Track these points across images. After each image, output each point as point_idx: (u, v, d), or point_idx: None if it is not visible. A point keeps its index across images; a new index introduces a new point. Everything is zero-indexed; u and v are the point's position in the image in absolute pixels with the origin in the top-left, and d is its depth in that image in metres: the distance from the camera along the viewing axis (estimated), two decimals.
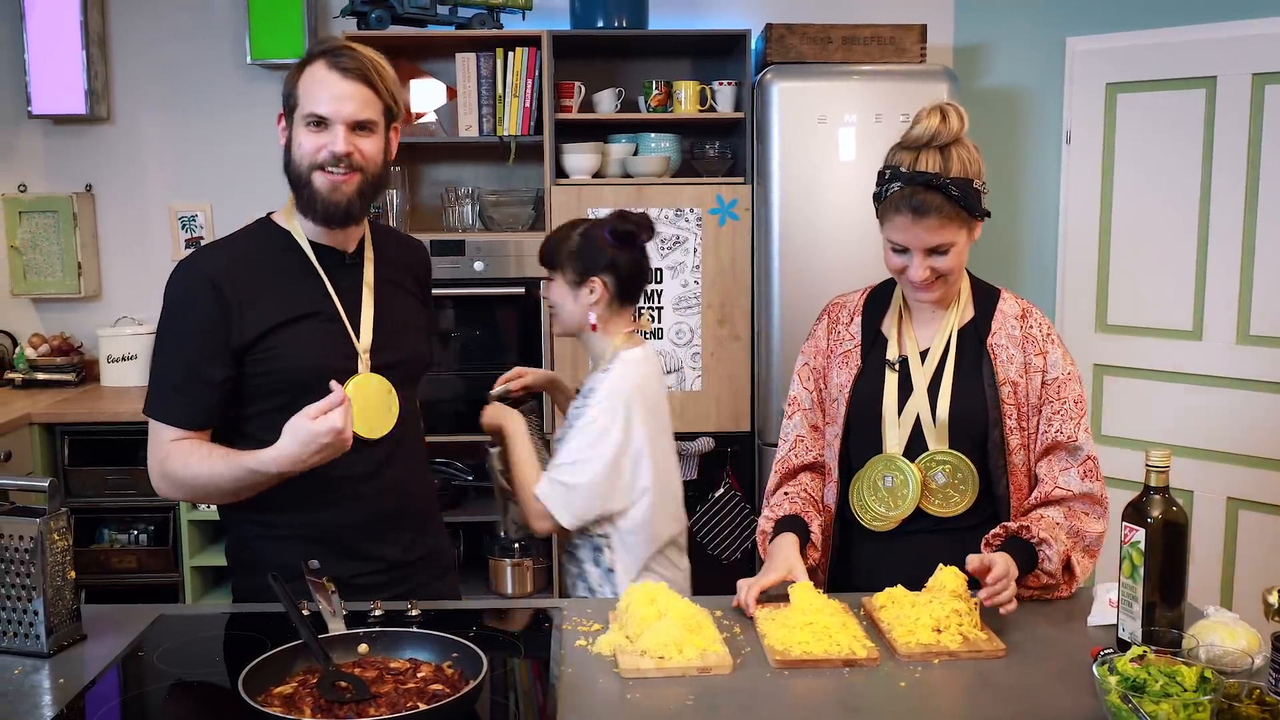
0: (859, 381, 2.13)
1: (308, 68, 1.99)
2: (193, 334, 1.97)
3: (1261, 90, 3.57)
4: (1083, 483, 2.06)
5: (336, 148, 1.95)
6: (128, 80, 4.28)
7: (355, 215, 2.03)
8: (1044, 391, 2.07)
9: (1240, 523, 3.71)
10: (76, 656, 1.77)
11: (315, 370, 1.96)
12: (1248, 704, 1.47)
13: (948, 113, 1.98)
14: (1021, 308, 2.13)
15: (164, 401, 1.99)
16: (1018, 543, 1.96)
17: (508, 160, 4.08)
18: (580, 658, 1.78)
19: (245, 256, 2.03)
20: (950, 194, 1.95)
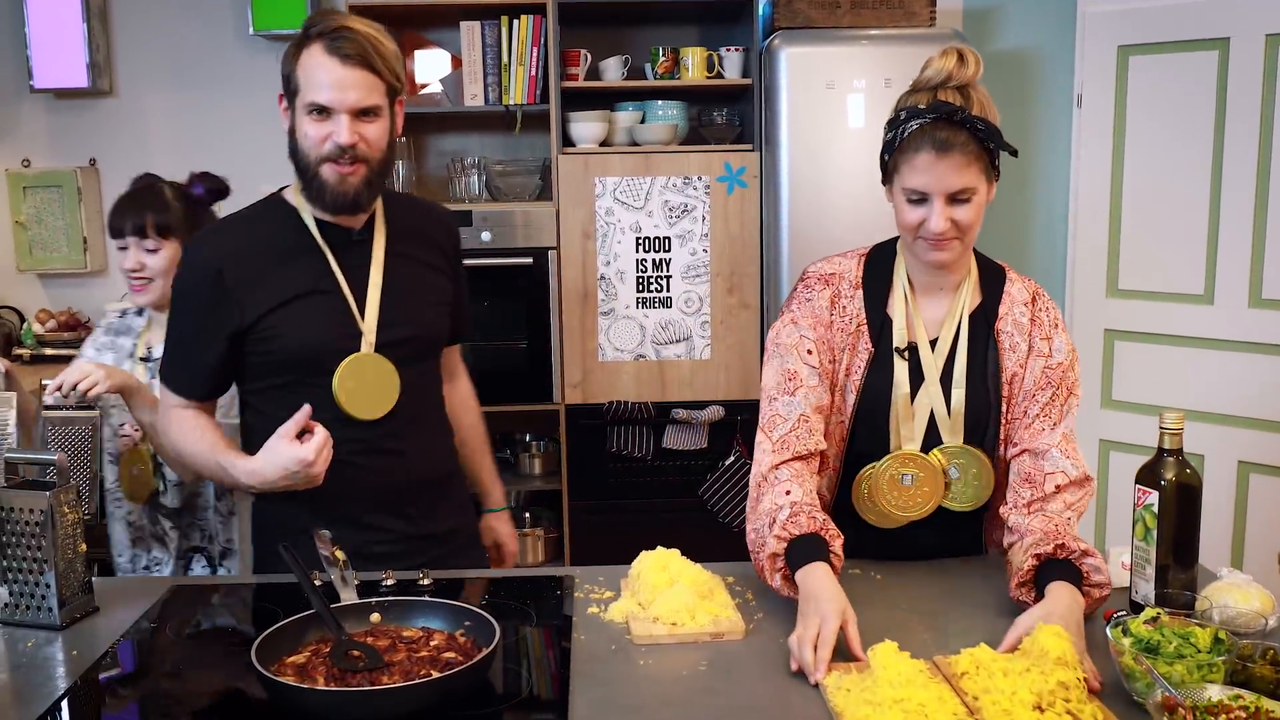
0: (871, 368, 1.96)
1: (305, 49, 1.94)
2: (191, 315, 2.04)
3: (1275, 51, 3.53)
4: (1070, 463, 1.90)
5: (341, 139, 1.93)
6: (130, 53, 4.26)
7: (364, 204, 2.03)
8: (1043, 377, 1.94)
9: (1251, 486, 3.70)
10: (89, 629, 1.77)
11: (315, 349, 1.99)
12: (1261, 665, 1.46)
13: (965, 55, 1.86)
14: (1031, 291, 2.01)
15: (167, 368, 2.10)
16: (1057, 565, 1.74)
17: (514, 129, 4.05)
18: (593, 625, 1.78)
19: (251, 237, 2.05)
20: (976, 129, 1.81)
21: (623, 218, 3.82)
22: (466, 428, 2.39)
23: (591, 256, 3.83)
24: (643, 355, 3.88)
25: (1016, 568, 1.80)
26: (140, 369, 2.43)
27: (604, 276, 3.84)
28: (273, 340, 2.00)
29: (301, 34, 1.97)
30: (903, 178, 1.87)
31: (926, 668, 1.54)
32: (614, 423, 3.86)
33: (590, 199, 3.81)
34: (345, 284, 2.03)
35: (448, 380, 2.33)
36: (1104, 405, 4.06)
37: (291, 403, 1.96)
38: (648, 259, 3.84)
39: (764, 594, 1.88)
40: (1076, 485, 1.90)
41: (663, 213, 3.82)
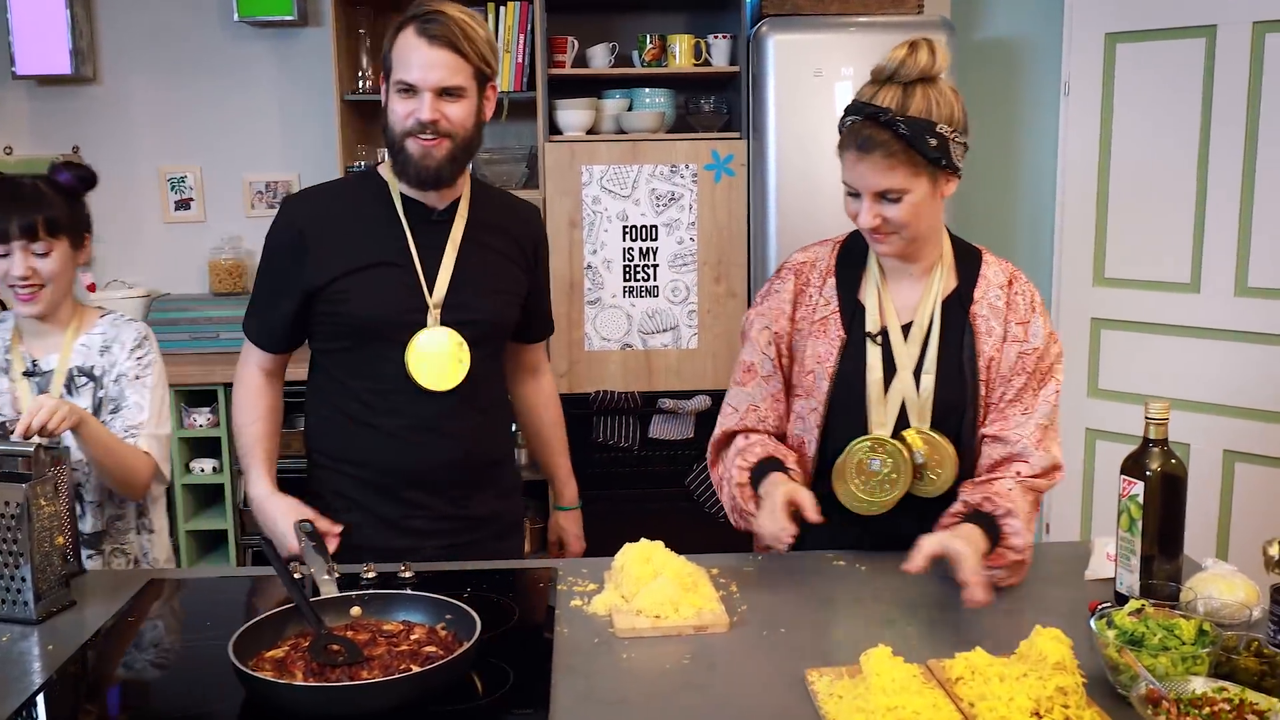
0: (845, 354, 1.97)
1: (400, 33, 2.03)
2: (273, 269, 2.16)
3: (1262, 39, 3.52)
4: (1039, 453, 1.92)
5: (423, 115, 2.00)
6: (114, 40, 4.22)
7: (445, 178, 2.08)
8: (1018, 362, 1.94)
9: (1237, 475, 3.70)
10: (66, 623, 1.76)
11: (380, 317, 2.09)
12: (1246, 656, 1.46)
13: (918, 46, 1.83)
14: (1007, 274, 2.00)
15: (248, 318, 2.22)
16: (980, 516, 1.83)
17: (500, 117, 4.03)
18: (576, 618, 1.77)
19: (336, 203, 2.16)
20: (898, 131, 1.80)
21: (609, 206, 3.80)
22: (548, 425, 2.47)
23: (578, 245, 3.82)
24: (629, 344, 3.87)
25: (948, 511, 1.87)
26: (23, 385, 2.19)
27: (590, 265, 3.83)
28: (341, 303, 2.08)
29: (403, 18, 2.05)
30: (841, 170, 1.89)
31: (920, 673, 1.49)
32: (600, 412, 3.85)
33: (577, 187, 3.79)
34: (418, 259, 2.10)
35: (531, 376, 2.44)
36: (1090, 394, 4.06)
37: (358, 368, 2.12)
38: (635, 248, 3.83)
39: (748, 586, 1.88)
40: (1042, 475, 1.92)
41: (650, 201, 3.80)
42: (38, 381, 2.20)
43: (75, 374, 2.21)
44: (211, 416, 3.80)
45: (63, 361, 2.21)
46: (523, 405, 2.46)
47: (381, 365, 2.09)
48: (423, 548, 2.10)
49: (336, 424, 2.16)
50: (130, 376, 2.22)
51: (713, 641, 1.68)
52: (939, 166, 1.85)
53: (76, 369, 2.21)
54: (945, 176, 1.88)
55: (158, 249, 4.33)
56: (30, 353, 2.23)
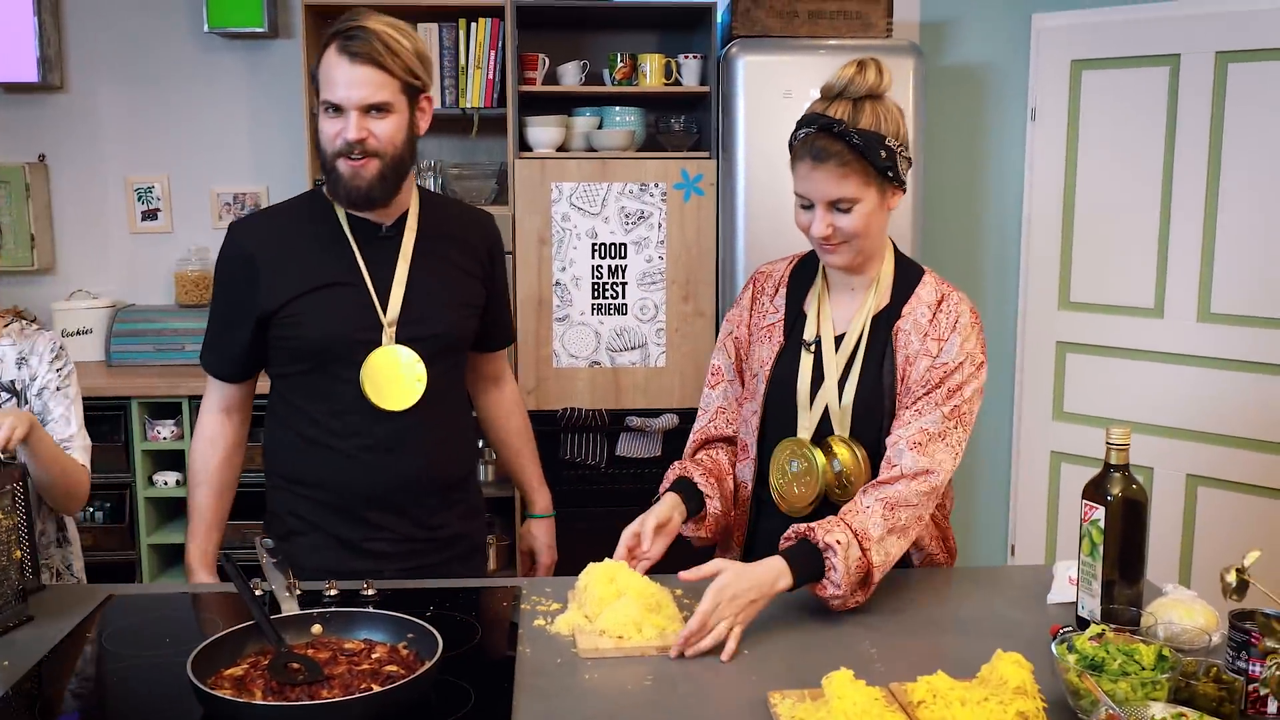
0: (780, 359, 2.05)
1: (325, 51, 2.00)
2: (225, 298, 2.14)
3: (1224, 68, 3.58)
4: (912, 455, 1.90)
5: (349, 134, 1.98)
6: (81, 48, 4.19)
7: (377, 198, 2.05)
8: (925, 375, 1.95)
9: (1200, 500, 3.74)
10: (23, 638, 1.74)
11: (334, 338, 2.06)
12: (1205, 682, 1.47)
13: (865, 65, 1.93)
14: (940, 294, 2.02)
15: (206, 353, 2.20)
16: (806, 546, 1.82)
17: (470, 133, 4.03)
18: (538, 638, 1.76)
19: (283, 225, 2.15)
20: (851, 141, 1.87)
21: (579, 223, 3.81)
22: (514, 433, 2.45)
23: (547, 262, 3.81)
24: (597, 362, 3.87)
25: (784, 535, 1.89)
26: None
27: (559, 282, 3.83)
28: (295, 326, 2.06)
29: (329, 33, 2.02)
30: (794, 183, 1.96)
31: (882, 696, 1.50)
32: (567, 430, 3.84)
33: (546, 204, 3.79)
34: (369, 277, 2.08)
35: (494, 385, 2.42)
36: (1055, 417, 4.10)
37: (314, 390, 2.09)
38: (603, 265, 3.83)
39: None
40: (910, 478, 1.89)
41: (619, 219, 3.81)
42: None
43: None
44: (175, 429, 3.76)
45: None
46: (487, 415, 2.44)
47: (338, 386, 2.07)
48: (384, 570, 2.07)
49: (293, 446, 2.13)
50: (52, 389, 2.16)
51: (675, 663, 1.67)
52: (887, 179, 1.92)
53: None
54: (892, 189, 1.95)
55: (124, 259, 4.29)
56: None
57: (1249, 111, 3.54)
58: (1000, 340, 4.25)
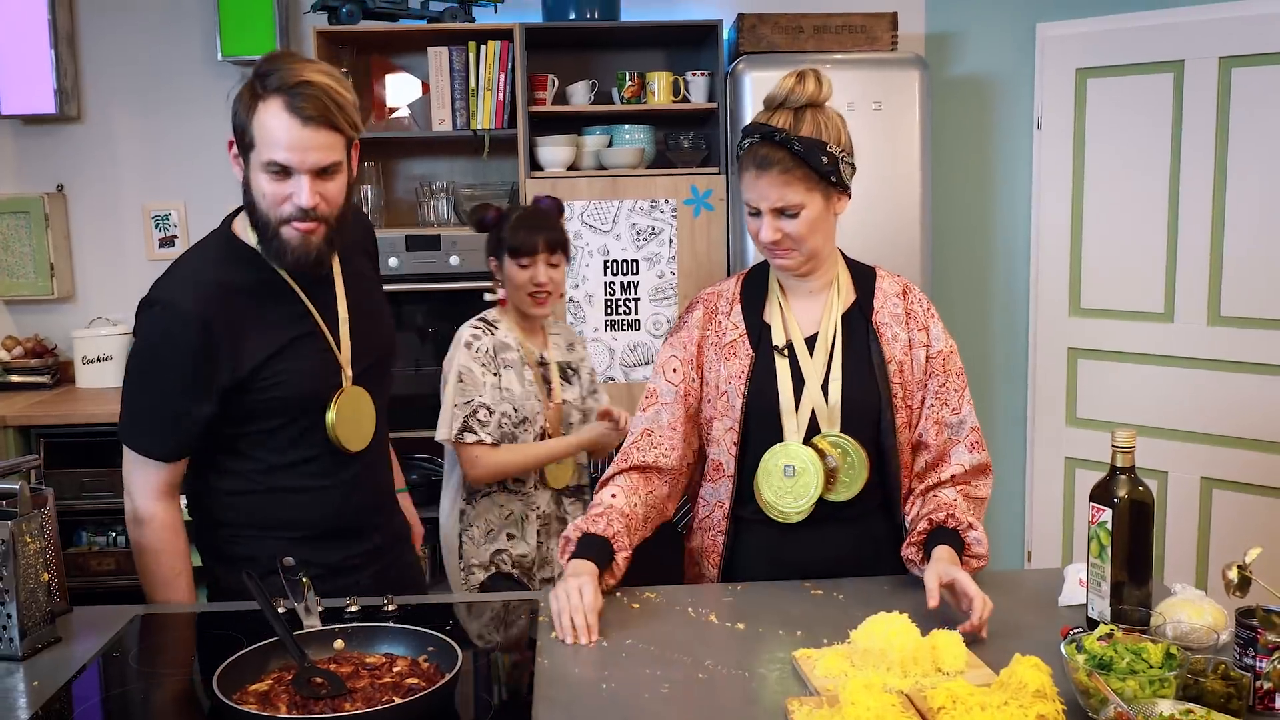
0: (754, 371, 2.07)
1: (262, 103, 1.86)
2: (177, 374, 1.94)
3: (1228, 73, 3.60)
4: (971, 455, 2.09)
5: (303, 201, 1.88)
6: (97, 79, 4.26)
7: (325, 260, 1.99)
8: (928, 365, 2.08)
9: (1214, 502, 3.75)
10: (51, 659, 1.77)
11: (309, 392, 2.02)
12: (1213, 679, 1.49)
13: (805, 75, 2.00)
14: (901, 285, 2.14)
15: (144, 433, 2.00)
16: (944, 533, 1.97)
17: (482, 154, 4.07)
18: (556, 649, 1.78)
19: (224, 285, 1.97)
20: (793, 149, 1.94)
21: (591, 241, 3.85)
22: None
23: None
24: (611, 378, 3.90)
25: (911, 526, 2.04)
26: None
27: (572, 300, 3.86)
28: (271, 389, 1.98)
29: (257, 82, 1.88)
30: (741, 191, 2.02)
31: (899, 702, 1.50)
32: None
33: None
34: (322, 323, 2.04)
35: None
36: (1068, 423, 4.11)
37: (280, 444, 2.03)
38: (616, 282, 3.87)
39: (727, 616, 1.90)
40: (973, 474, 2.07)
41: (630, 236, 3.85)
42: (544, 372, 2.73)
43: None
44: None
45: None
46: None
47: (306, 437, 2.04)
48: (360, 580, 2.10)
49: (252, 496, 2.05)
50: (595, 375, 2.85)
51: (694, 672, 1.69)
52: (830, 184, 1.98)
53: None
54: (837, 195, 2.02)
55: (142, 286, 4.28)
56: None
57: (1254, 115, 3.56)
58: (1012, 347, 4.27)
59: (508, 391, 2.67)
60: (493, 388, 2.66)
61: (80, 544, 3.80)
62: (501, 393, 2.67)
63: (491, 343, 2.69)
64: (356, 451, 2.09)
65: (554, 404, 2.74)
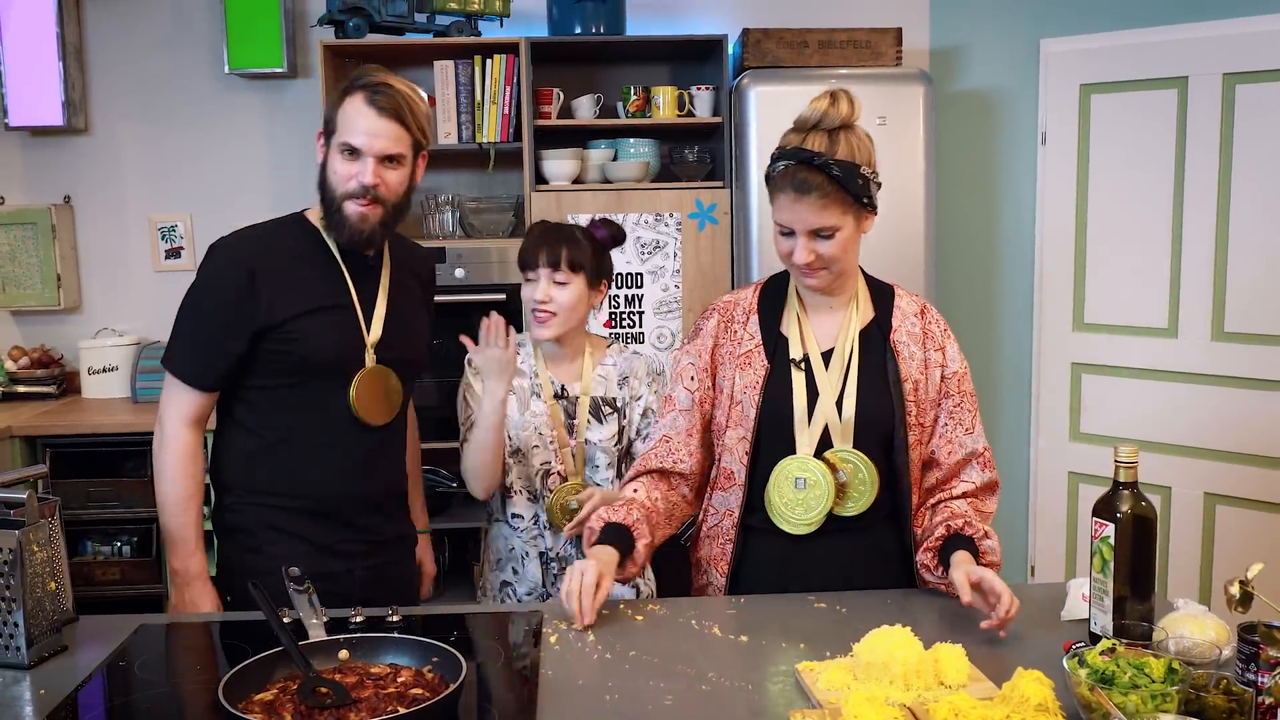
0: (770, 382, 2.09)
1: (349, 97, 2.15)
2: (220, 308, 2.17)
3: (1232, 90, 3.61)
4: (983, 473, 2.13)
5: (366, 179, 2.13)
6: (105, 91, 4.28)
7: (377, 242, 2.24)
8: (943, 385, 2.12)
9: (1218, 518, 3.75)
10: (58, 667, 1.78)
11: (327, 357, 2.19)
12: (1215, 694, 1.49)
13: (838, 97, 2.01)
14: (919, 305, 2.17)
15: (182, 359, 2.21)
16: (961, 539, 2.02)
17: (487, 167, 4.09)
18: (560, 661, 1.79)
19: (279, 247, 2.22)
20: (831, 173, 1.95)
21: None
22: (412, 455, 2.56)
23: None
24: None
25: (925, 535, 2.08)
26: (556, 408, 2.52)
27: None
28: (292, 343, 2.16)
29: (349, 83, 2.17)
30: (774, 211, 2.04)
31: (902, 715, 1.51)
32: None
33: None
34: (358, 303, 2.22)
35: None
36: (1072, 438, 4.11)
37: (299, 404, 2.20)
38: (620, 295, 3.88)
39: (731, 629, 1.91)
40: (985, 490, 2.13)
41: (635, 249, 3.86)
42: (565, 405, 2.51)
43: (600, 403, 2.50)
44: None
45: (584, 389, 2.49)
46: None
47: (323, 401, 2.20)
48: (353, 570, 2.22)
49: (264, 457, 2.23)
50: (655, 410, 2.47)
51: (698, 682, 1.70)
52: (862, 205, 2.01)
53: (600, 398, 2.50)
54: (866, 214, 2.04)
55: (148, 297, 4.35)
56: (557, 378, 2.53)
57: (1258, 132, 3.57)
58: (1016, 362, 4.27)
59: (507, 418, 2.47)
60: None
61: (86, 554, 3.80)
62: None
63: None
64: (374, 428, 2.22)
65: (575, 442, 2.50)
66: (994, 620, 1.82)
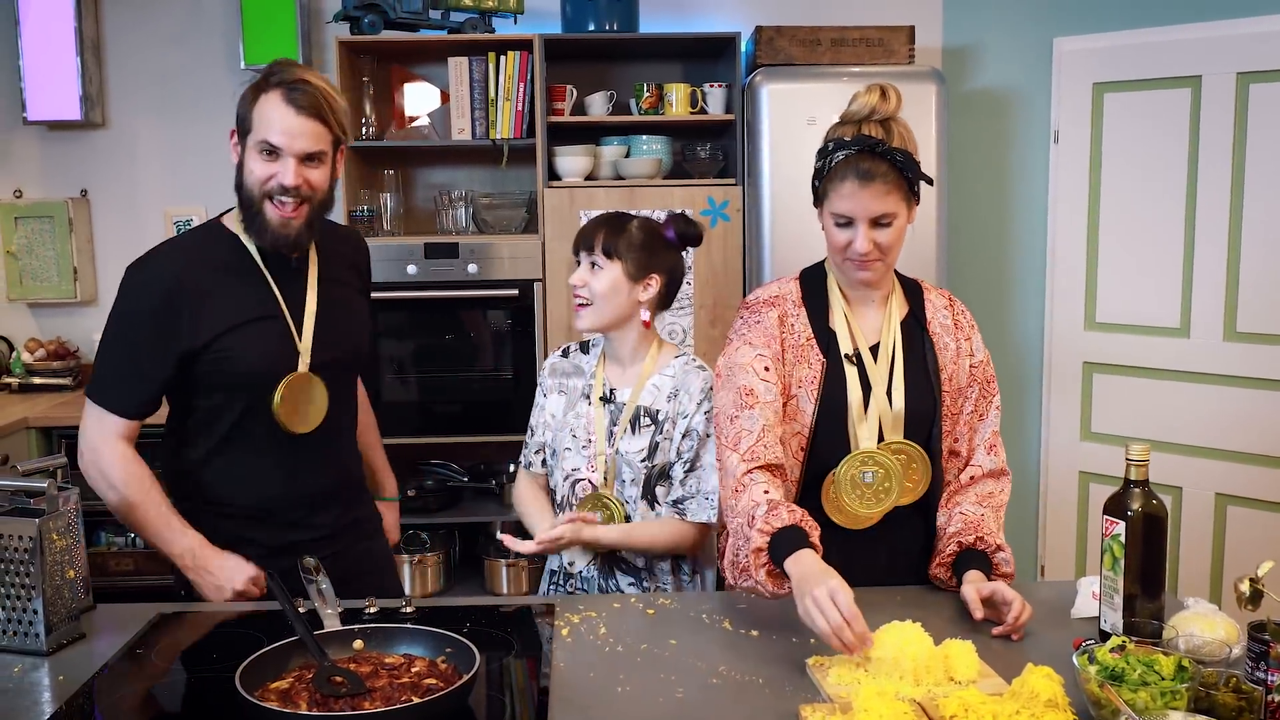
0: (827, 377, 2.09)
1: (264, 94, 2.09)
2: (142, 333, 2.11)
3: (1246, 89, 3.61)
4: (989, 457, 2.15)
5: (287, 180, 2.08)
6: (122, 86, 4.31)
7: (304, 243, 2.18)
8: (971, 373, 2.15)
9: (1229, 518, 3.74)
10: (76, 654, 1.80)
11: (261, 370, 2.14)
12: (1224, 692, 1.50)
13: (887, 90, 2.04)
14: (946, 296, 2.21)
15: (108, 388, 2.14)
16: (974, 555, 2.03)
17: (500, 163, 4.10)
18: (573, 652, 1.80)
19: (197, 263, 2.15)
20: (895, 160, 1.98)
21: None
22: (367, 426, 2.57)
23: None
24: None
25: (939, 550, 2.08)
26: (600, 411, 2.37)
27: None
28: (223, 361, 2.12)
29: (261, 80, 2.11)
30: (831, 203, 2.03)
31: (912, 709, 1.51)
32: None
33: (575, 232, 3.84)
34: (286, 309, 2.18)
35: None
36: (1083, 437, 4.11)
37: (232, 417, 2.16)
38: None
39: (743, 623, 1.92)
40: (991, 477, 2.13)
41: None
42: (611, 411, 2.36)
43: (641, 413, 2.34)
44: None
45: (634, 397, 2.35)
46: None
47: (256, 413, 2.15)
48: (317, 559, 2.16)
49: (208, 469, 2.19)
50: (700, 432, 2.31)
51: (710, 676, 1.71)
52: (913, 194, 2.04)
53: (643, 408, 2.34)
54: (914, 203, 2.06)
55: None
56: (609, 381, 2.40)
57: (1271, 131, 3.56)
58: (1027, 361, 4.27)
59: (551, 417, 2.43)
60: (538, 409, 2.47)
61: (99, 544, 3.83)
62: (545, 416, 2.44)
63: (555, 363, 2.48)
64: (302, 434, 2.18)
65: (610, 450, 2.33)
66: (1005, 626, 1.84)
